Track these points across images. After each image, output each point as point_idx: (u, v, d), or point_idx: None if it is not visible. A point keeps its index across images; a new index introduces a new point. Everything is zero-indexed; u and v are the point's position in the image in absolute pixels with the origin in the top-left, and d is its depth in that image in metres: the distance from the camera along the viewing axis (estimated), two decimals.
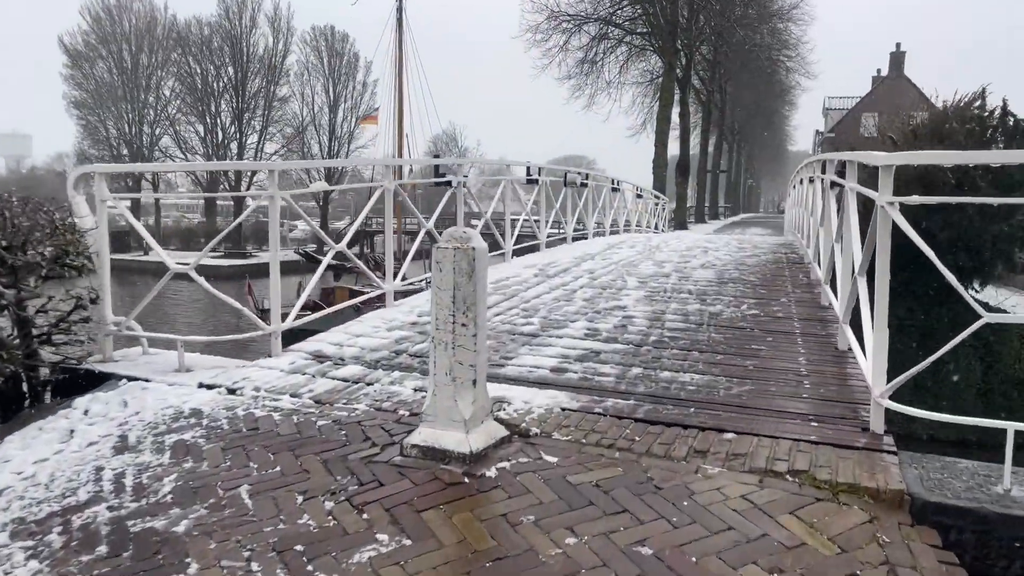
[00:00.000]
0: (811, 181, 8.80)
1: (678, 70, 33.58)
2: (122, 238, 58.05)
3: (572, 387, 4.07)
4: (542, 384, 4.12)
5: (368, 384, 4.16)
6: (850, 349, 4.55)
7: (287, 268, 5.54)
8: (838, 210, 5.88)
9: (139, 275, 48.32)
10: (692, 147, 39.77)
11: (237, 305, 5.06)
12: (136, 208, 67.11)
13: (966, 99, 8.58)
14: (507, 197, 9.13)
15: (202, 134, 63.36)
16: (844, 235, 4.85)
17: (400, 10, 37.56)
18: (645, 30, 33.79)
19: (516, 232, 9.55)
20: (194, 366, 4.67)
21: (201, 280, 4.88)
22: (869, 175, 4.54)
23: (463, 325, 3.14)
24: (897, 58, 49.65)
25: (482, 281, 3.20)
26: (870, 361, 3.52)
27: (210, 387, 4.20)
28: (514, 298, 6.64)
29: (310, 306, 25.62)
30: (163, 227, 64.47)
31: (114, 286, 5.11)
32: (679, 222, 33.71)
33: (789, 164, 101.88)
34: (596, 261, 9.46)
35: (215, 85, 62.34)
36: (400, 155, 38.10)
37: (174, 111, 63.58)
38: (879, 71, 54.19)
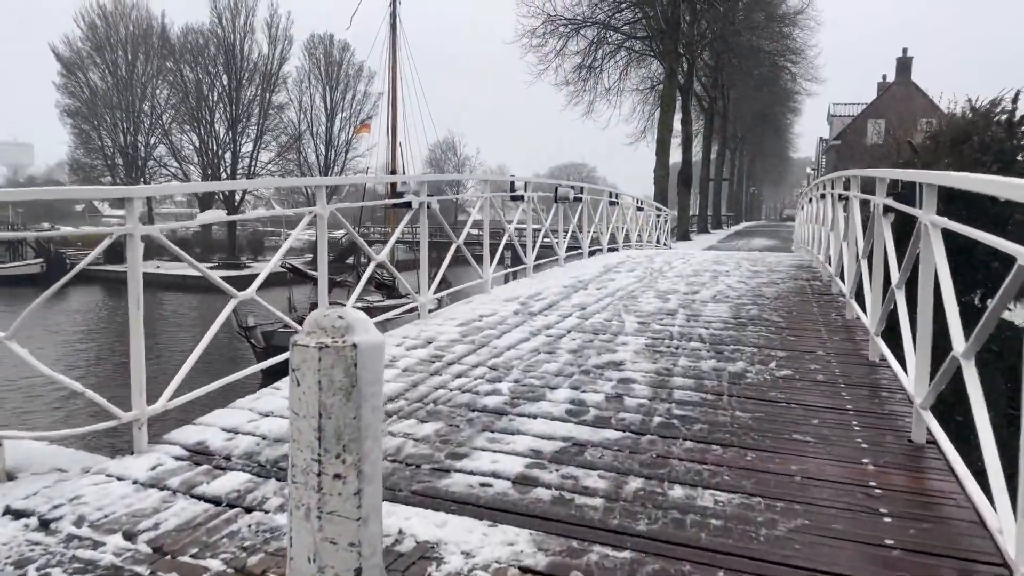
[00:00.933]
0: (841, 199, 7.52)
1: (680, 76, 32.36)
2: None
3: (541, 517, 2.77)
4: (497, 511, 2.82)
5: (247, 511, 2.87)
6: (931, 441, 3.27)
7: (275, 280, 4.81)
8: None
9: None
10: (694, 154, 38.54)
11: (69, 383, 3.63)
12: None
13: (985, 104, 7.31)
14: (486, 216, 7.84)
15: (196, 143, 62.29)
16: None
17: (394, 15, 36.45)
18: (645, 34, 32.60)
19: (496, 258, 8.26)
20: (25, 467, 3.38)
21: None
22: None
23: (337, 477, 1.85)
24: (904, 63, 48.39)
25: (373, 398, 1.91)
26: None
27: (18, 515, 2.90)
28: (483, 348, 5.33)
29: (299, 321, 24.62)
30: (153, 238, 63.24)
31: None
32: (682, 233, 32.45)
33: (792, 171, 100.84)
34: (590, 290, 8.15)
35: (209, 94, 61.27)
36: (394, 164, 36.94)
37: (169, 120, 62.51)
38: (884, 77, 52.98)
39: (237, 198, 63.08)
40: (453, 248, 7.23)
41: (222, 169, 61.76)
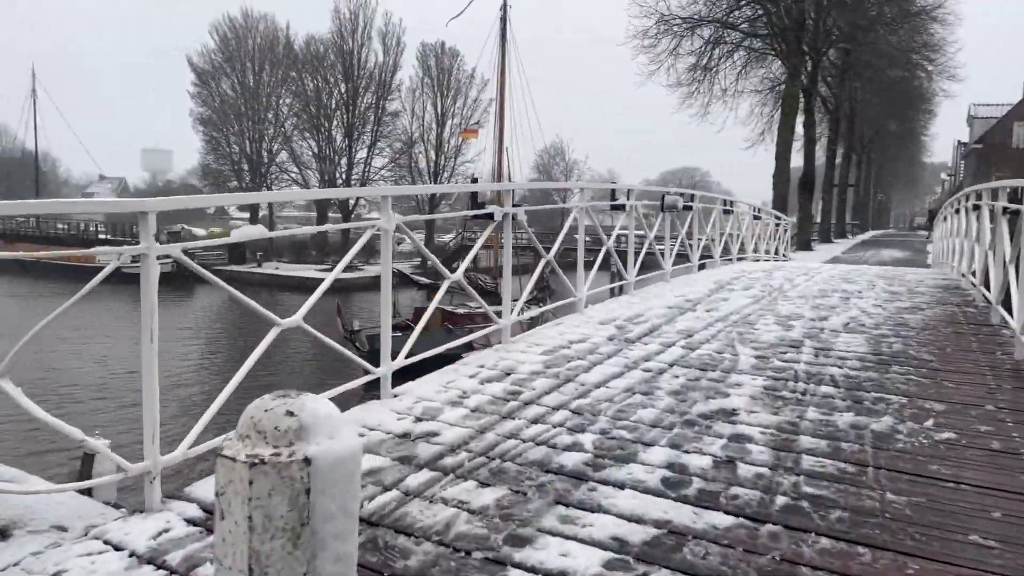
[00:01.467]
0: (1005, 212, 6.29)
1: (803, 76, 30.40)
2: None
3: None
4: None
5: None
6: None
7: (373, 285, 4.49)
8: None
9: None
10: (817, 159, 36.21)
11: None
12: (254, 220, 69.25)
13: None
14: (582, 227, 7.09)
15: (315, 150, 64.62)
16: None
17: (504, 20, 36.23)
18: (766, 32, 30.83)
19: (592, 274, 7.48)
20: (25, 522, 2.93)
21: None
22: None
23: None
24: None
25: (337, 542, 1.22)
26: None
27: None
28: (568, 385, 4.59)
29: (401, 327, 24.38)
30: (274, 241, 66.06)
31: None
32: (802, 242, 30.42)
33: (924, 177, 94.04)
34: (698, 313, 7.24)
35: (328, 101, 63.40)
36: (500, 170, 36.68)
37: (291, 128, 65.17)
38: None
39: (351, 203, 65.08)
40: (542, 264, 6.54)
41: (338, 175, 63.76)
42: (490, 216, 5.36)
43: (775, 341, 5.94)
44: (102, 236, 57.33)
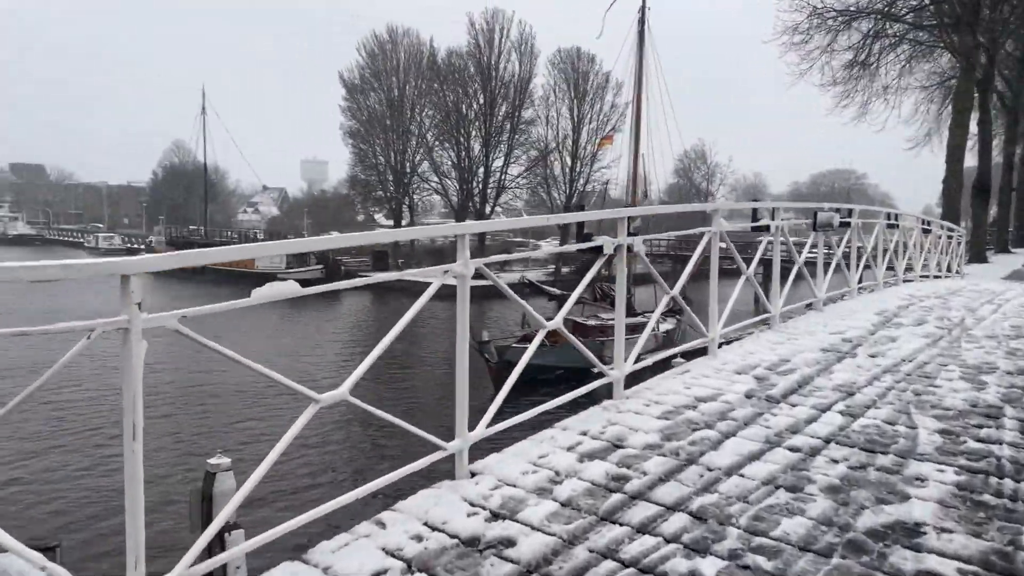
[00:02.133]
0: None
1: (977, 70, 27.11)
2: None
3: None
4: None
5: None
6: None
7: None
8: None
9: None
10: (993, 160, 32.29)
11: None
12: (397, 227, 71.57)
13: None
14: (714, 255, 6.06)
15: (454, 160, 65.83)
16: None
17: (642, 22, 35.04)
18: (934, 23, 27.81)
19: (728, 309, 6.42)
20: None
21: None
22: None
23: None
24: None
25: None
26: None
27: None
28: (689, 469, 3.65)
29: (530, 338, 23.81)
30: (416, 245, 67.91)
31: None
32: (976, 253, 27.10)
33: None
34: (859, 359, 6.01)
35: (467, 112, 64.44)
36: (635, 177, 35.46)
37: (432, 139, 66.78)
38: None
39: (488, 208, 65.70)
40: (664, 302, 5.59)
41: (475, 183, 64.60)
42: (599, 249, 4.50)
43: (964, 407, 4.68)
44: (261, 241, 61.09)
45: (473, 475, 3.61)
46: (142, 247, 74.68)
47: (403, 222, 69.99)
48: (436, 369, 24.28)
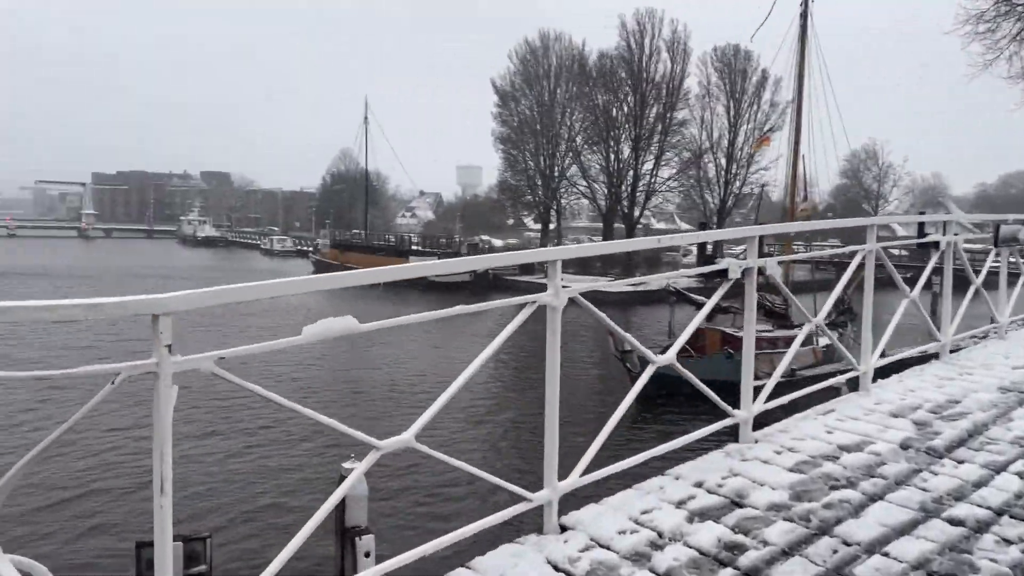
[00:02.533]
0: None
1: None
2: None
3: None
4: None
5: None
6: None
7: (652, 298, 3.63)
8: None
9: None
10: None
11: None
12: (544, 232, 72.00)
13: None
14: (869, 278, 5.30)
15: (602, 163, 65.28)
16: None
17: (805, 15, 32.91)
18: None
19: (886, 337, 5.60)
20: None
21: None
22: None
23: None
24: None
25: None
26: None
27: None
28: (821, 540, 3.05)
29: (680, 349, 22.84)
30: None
31: None
32: None
33: None
34: None
35: (617, 115, 63.69)
36: (795, 178, 33.37)
37: (581, 142, 66.60)
38: None
39: (636, 213, 64.53)
40: (806, 331, 4.94)
41: (623, 187, 63.68)
42: (723, 273, 3.99)
43: None
44: (415, 248, 63.35)
45: (564, 529, 3.24)
46: (310, 249, 79.84)
47: (551, 226, 70.38)
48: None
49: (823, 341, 25.06)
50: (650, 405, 18.12)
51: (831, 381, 5.31)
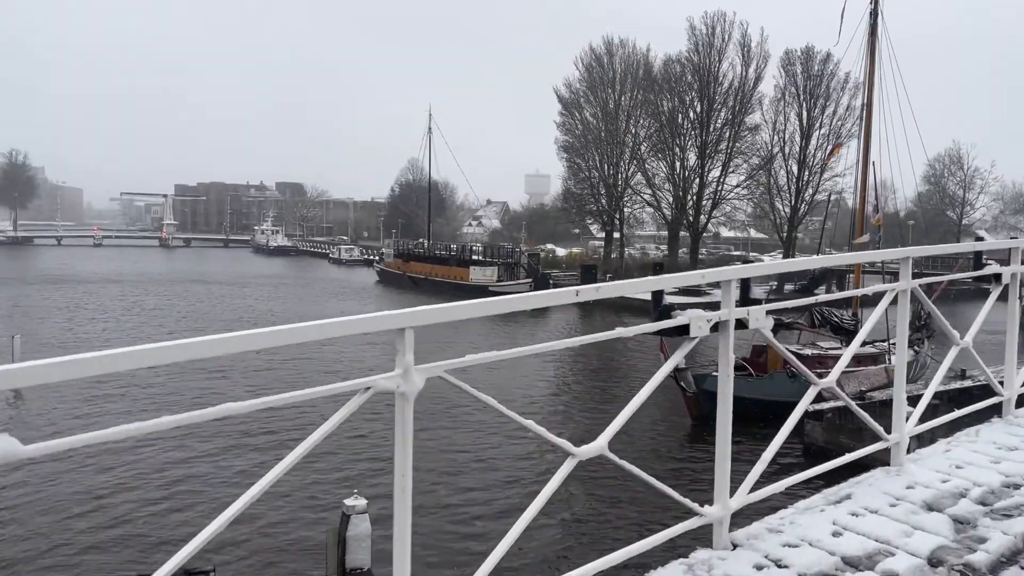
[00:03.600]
0: None
1: None
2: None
3: None
4: None
5: None
6: None
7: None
8: None
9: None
10: None
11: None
12: (608, 241, 70.75)
13: None
14: (902, 320, 4.23)
15: (666, 170, 63.58)
16: None
17: (875, 14, 30.94)
18: None
19: (926, 400, 4.50)
20: None
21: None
22: None
23: None
24: None
25: None
26: None
27: None
28: None
29: (738, 366, 21.41)
30: (626, 259, 66.42)
31: None
32: None
33: None
34: None
35: (683, 121, 61.95)
36: (863, 187, 31.30)
37: (646, 149, 65.10)
38: None
39: (703, 221, 62.52)
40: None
41: (689, 195, 61.83)
42: (683, 330, 3.06)
43: None
44: (475, 257, 62.98)
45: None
46: (375, 258, 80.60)
47: (615, 235, 68.98)
48: (681, 417, 21.63)
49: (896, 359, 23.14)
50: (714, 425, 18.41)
51: (876, 447, 4.23)
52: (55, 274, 65.58)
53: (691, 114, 61.64)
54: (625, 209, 69.57)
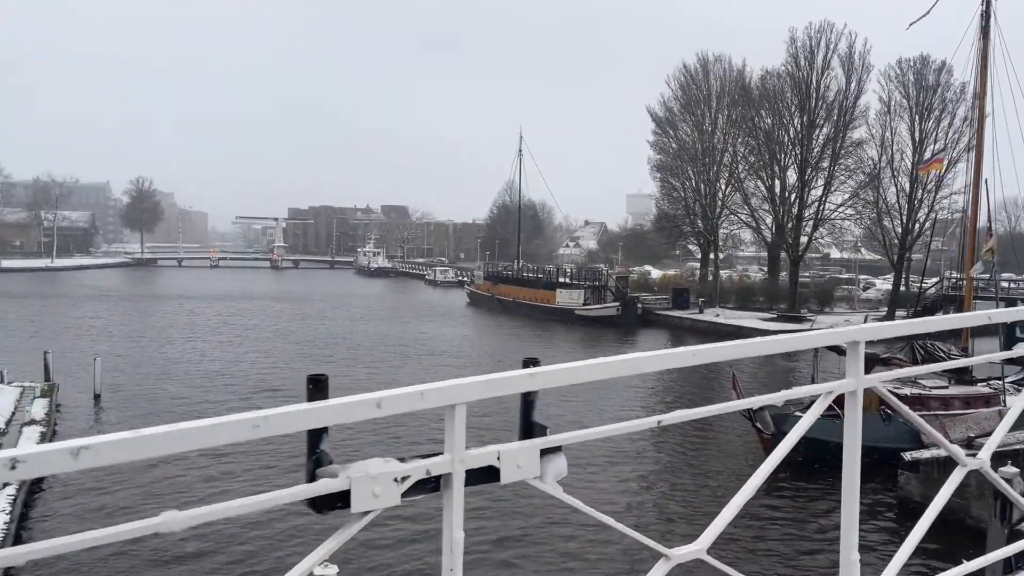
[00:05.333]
0: None
1: None
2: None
3: None
4: None
5: None
6: None
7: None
8: None
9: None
10: None
11: None
12: (704, 264, 68.27)
13: None
14: None
15: (766, 189, 60.72)
16: None
17: (986, 14, 28.22)
18: None
19: None
20: None
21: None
22: None
23: None
24: None
25: None
26: None
27: None
28: None
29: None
30: (721, 282, 63.83)
31: None
32: None
33: None
34: None
35: (783, 137, 59.11)
36: (975, 208, 28.39)
37: (743, 168, 62.54)
38: None
39: (804, 241, 59.17)
40: None
41: (789, 216, 58.72)
42: None
43: None
44: (563, 280, 62.05)
45: None
46: (468, 280, 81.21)
47: (710, 256, 66.44)
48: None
49: (1012, 401, 20.47)
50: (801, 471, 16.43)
51: None
52: (167, 293, 69.59)
53: (791, 130, 58.69)
54: (721, 230, 67.02)
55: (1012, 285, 66.87)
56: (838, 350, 2.61)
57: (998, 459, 4.95)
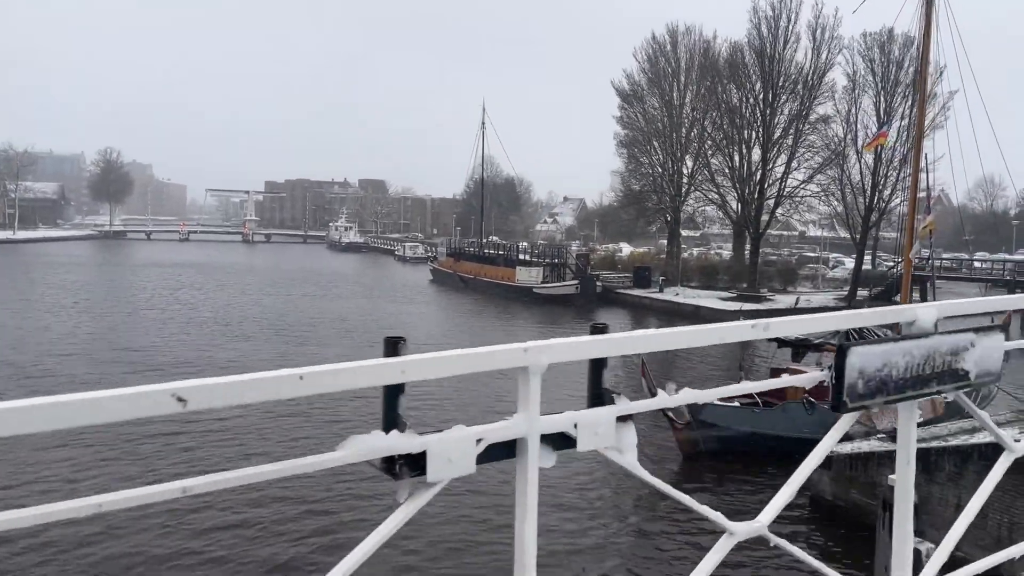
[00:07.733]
0: None
1: None
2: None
3: None
4: None
5: None
6: None
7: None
8: None
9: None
10: None
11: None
12: (671, 241, 67.16)
13: None
14: None
15: (730, 165, 59.42)
16: None
17: None
18: None
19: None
20: None
21: None
22: None
23: None
24: None
25: None
26: None
27: None
28: None
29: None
30: (685, 261, 62.73)
31: None
32: None
33: None
34: None
35: (746, 111, 57.71)
36: (915, 187, 27.31)
37: (709, 143, 61.19)
38: None
39: (765, 218, 58.04)
40: None
41: (749, 192, 57.54)
42: None
43: None
44: (522, 257, 60.83)
45: None
46: (434, 256, 79.86)
47: (683, 233, 65.42)
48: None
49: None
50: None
51: None
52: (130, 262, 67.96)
53: (753, 103, 57.24)
54: (688, 207, 65.82)
55: (982, 264, 66.22)
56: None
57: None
